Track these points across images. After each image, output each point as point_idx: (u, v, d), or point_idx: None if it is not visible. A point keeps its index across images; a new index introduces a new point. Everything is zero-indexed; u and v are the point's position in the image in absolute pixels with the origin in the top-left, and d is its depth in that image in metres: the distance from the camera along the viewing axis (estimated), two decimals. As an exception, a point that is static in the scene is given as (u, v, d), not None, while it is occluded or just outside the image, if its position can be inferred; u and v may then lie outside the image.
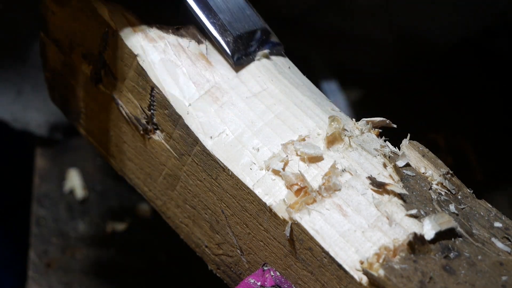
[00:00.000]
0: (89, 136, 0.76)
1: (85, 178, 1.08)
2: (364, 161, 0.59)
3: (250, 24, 0.66)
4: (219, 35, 0.64)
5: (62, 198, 1.06)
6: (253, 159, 0.60)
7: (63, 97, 0.76)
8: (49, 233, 1.01)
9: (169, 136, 0.65)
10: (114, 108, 0.69)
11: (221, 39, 0.64)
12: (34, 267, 0.97)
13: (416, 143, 0.62)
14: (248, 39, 0.65)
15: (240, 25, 0.65)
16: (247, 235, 0.61)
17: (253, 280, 0.60)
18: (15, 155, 1.18)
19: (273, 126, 0.61)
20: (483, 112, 1.15)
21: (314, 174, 0.58)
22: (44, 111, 1.10)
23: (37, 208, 1.04)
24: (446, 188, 0.59)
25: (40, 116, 1.10)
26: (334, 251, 0.55)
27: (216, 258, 0.66)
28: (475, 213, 0.58)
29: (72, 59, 0.72)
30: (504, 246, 0.55)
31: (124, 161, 0.72)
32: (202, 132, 0.62)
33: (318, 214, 0.56)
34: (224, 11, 0.65)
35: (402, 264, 0.53)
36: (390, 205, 0.56)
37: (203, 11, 0.65)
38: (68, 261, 0.98)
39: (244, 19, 0.66)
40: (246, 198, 0.59)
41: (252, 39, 0.65)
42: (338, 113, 0.64)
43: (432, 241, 0.54)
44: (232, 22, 0.65)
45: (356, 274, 0.54)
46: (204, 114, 0.62)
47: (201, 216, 0.65)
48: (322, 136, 0.60)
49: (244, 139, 0.61)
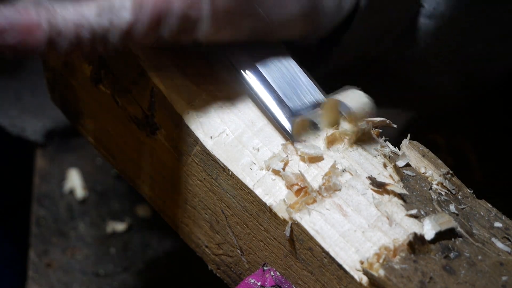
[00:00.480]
0: (89, 136, 0.76)
1: (85, 178, 1.08)
2: (364, 161, 0.59)
3: (310, 97, 0.61)
4: (277, 112, 0.60)
5: (62, 198, 1.06)
6: (253, 159, 0.60)
7: (63, 97, 0.76)
8: (49, 233, 1.01)
9: (169, 136, 0.65)
10: (114, 108, 0.69)
11: (280, 116, 0.60)
12: (34, 267, 0.97)
13: (416, 143, 0.62)
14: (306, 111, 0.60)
15: (298, 99, 0.60)
16: (247, 235, 0.61)
17: (253, 280, 0.60)
18: (15, 155, 1.18)
19: (273, 126, 0.61)
20: (483, 112, 1.15)
21: (314, 174, 0.58)
22: (41, 117, 1.10)
23: (37, 208, 1.04)
24: (446, 188, 0.59)
25: (36, 121, 1.10)
26: (334, 251, 0.55)
27: (216, 258, 0.66)
28: (475, 213, 0.58)
29: (72, 59, 0.72)
30: (504, 246, 0.56)
31: (124, 161, 0.72)
32: (202, 132, 0.62)
33: (318, 214, 0.56)
34: (278, 83, 0.61)
35: (402, 264, 0.53)
36: (390, 205, 0.56)
37: (260, 85, 0.61)
38: (68, 261, 0.98)
39: (302, 91, 0.61)
40: (246, 198, 0.59)
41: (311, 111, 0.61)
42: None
43: (432, 241, 0.54)
44: (288, 93, 0.60)
45: (356, 274, 0.54)
46: (204, 114, 0.62)
47: (201, 216, 0.65)
48: (322, 136, 0.60)
49: (244, 139, 0.61)
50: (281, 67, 0.62)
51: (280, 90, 0.60)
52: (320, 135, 0.60)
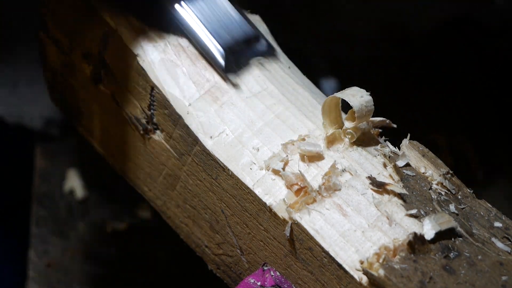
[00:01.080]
0: (89, 136, 0.76)
1: (85, 178, 1.08)
2: (364, 161, 0.59)
3: (240, 32, 0.64)
4: (209, 49, 0.63)
5: (62, 198, 1.06)
6: (253, 159, 0.60)
7: (63, 97, 0.76)
8: (49, 233, 1.01)
9: (169, 136, 0.65)
10: (114, 108, 0.69)
11: (212, 53, 0.63)
12: (34, 267, 0.97)
13: (416, 143, 0.62)
14: (239, 48, 0.64)
15: (230, 35, 0.64)
16: (247, 235, 0.61)
17: (253, 280, 0.60)
18: (15, 155, 1.18)
19: (273, 126, 0.61)
20: (483, 112, 1.15)
21: (314, 174, 0.58)
22: (38, 105, 1.10)
23: (37, 208, 1.04)
24: (446, 188, 0.59)
25: (34, 109, 1.10)
26: (334, 251, 0.55)
27: (216, 258, 0.66)
28: (475, 213, 0.58)
29: (72, 59, 0.72)
30: (504, 246, 0.55)
31: (124, 161, 0.72)
32: (202, 132, 0.62)
33: (318, 214, 0.56)
34: (212, 22, 0.64)
35: (402, 264, 0.53)
36: (390, 205, 0.56)
37: (191, 24, 0.64)
38: (68, 261, 0.98)
39: (233, 27, 0.64)
40: (246, 198, 0.59)
41: (243, 47, 0.64)
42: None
43: (432, 241, 0.54)
44: (221, 34, 0.63)
45: (356, 274, 0.54)
46: (204, 114, 0.62)
47: (201, 216, 0.65)
48: (322, 136, 0.60)
49: (244, 139, 0.61)
50: (211, 4, 0.65)
51: (210, 26, 0.64)
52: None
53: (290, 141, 0.60)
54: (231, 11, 0.65)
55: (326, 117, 0.60)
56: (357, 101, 0.58)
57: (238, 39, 0.64)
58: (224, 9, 0.65)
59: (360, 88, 0.59)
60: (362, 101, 0.58)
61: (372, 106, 0.58)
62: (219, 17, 0.64)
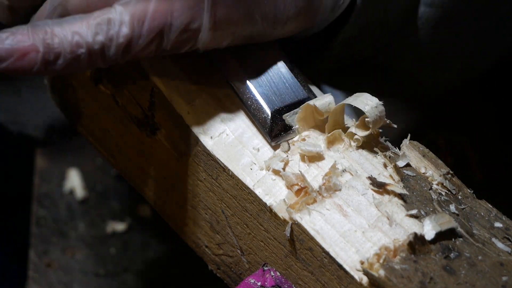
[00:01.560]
0: (89, 136, 0.76)
1: (85, 178, 1.08)
2: (364, 161, 0.59)
3: (292, 96, 0.61)
4: (255, 111, 0.61)
5: (62, 198, 1.06)
6: (254, 159, 0.60)
7: (64, 97, 0.76)
8: (49, 233, 1.01)
9: (169, 136, 0.65)
10: (114, 108, 0.69)
11: (257, 115, 0.61)
12: (34, 267, 0.97)
13: (416, 143, 0.62)
14: (287, 110, 0.61)
15: (280, 98, 0.61)
16: (247, 235, 0.61)
17: (253, 280, 0.60)
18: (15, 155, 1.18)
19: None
20: (483, 111, 1.15)
21: (315, 174, 0.58)
22: (41, 112, 1.10)
23: (37, 208, 1.04)
24: (446, 188, 0.59)
25: (37, 117, 1.10)
26: (334, 251, 0.55)
27: (216, 258, 0.66)
28: (475, 213, 0.58)
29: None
30: (504, 247, 0.55)
31: (124, 161, 0.72)
32: (202, 132, 0.62)
33: (318, 214, 0.56)
34: (262, 85, 0.61)
35: (403, 265, 0.53)
36: (391, 205, 0.56)
37: (240, 85, 0.61)
38: (68, 261, 0.98)
39: (285, 90, 0.61)
40: (247, 198, 0.59)
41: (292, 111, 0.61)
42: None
43: (432, 241, 0.54)
44: (270, 96, 0.61)
45: (356, 274, 0.54)
46: (204, 114, 0.62)
47: (201, 216, 0.65)
48: (322, 136, 0.60)
49: (245, 139, 0.61)
50: (268, 70, 0.62)
51: (259, 89, 0.61)
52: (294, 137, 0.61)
53: (291, 141, 0.60)
54: (286, 74, 0.62)
55: (331, 121, 0.60)
56: (373, 112, 0.57)
57: (288, 102, 0.61)
58: (279, 73, 0.62)
59: (371, 95, 0.59)
60: (376, 111, 0.58)
61: (384, 115, 0.58)
62: (271, 78, 0.62)
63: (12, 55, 0.53)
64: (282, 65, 0.63)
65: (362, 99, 0.58)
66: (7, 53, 0.53)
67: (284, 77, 0.62)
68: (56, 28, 0.54)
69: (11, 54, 0.53)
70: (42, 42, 0.54)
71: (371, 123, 0.58)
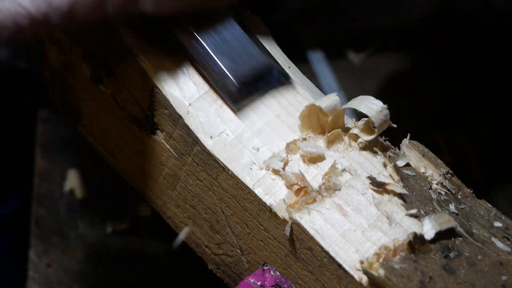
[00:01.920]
0: (89, 136, 0.76)
1: (85, 178, 1.08)
2: (364, 161, 0.59)
3: (254, 63, 0.61)
4: (219, 83, 0.61)
5: (62, 198, 1.06)
6: (253, 159, 0.60)
7: (63, 97, 0.76)
8: (49, 233, 1.01)
9: (169, 136, 0.65)
10: (114, 108, 0.69)
11: (222, 87, 0.61)
12: (34, 267, 0.97)
13: (416, 143, 0.62)
14: (252, 80, 0.61)
15: (243, 67, 0.61)
16: (247, 235, 0.61)
17: (253, 279, 0.60)
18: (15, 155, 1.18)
19: (273, 126, 0.61)
20: (483, 111, 1.15)
21: (314, 174, 0.58)
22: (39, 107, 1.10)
23: (37, 208, 1.03)
24: (446, 188, 0.59)
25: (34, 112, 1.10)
26: (334, 251, 0.55)
27: (216, 257, 0.66)
28: (475, 213, 0.58)
29: (72, 59, 0.72)
30: (504, 246, 0.56)
31: (124, 161, 0.72)
32: (202, 132, 0.62)
33: (318, 214, 0.56)
34: (224, 54, 0.61)
35: (402, 264, 0.53)
36: (390, 204, 0.56)
37: (202, 56, 0.62)
38: (68, 261, 0.98)
39: (247, 58, 0.62)
40: (246, 198, 0.59)
41: (257, 79, 0.62)
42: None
43: (432, 241, 0.54)
44: (232, 66, 0.61)
45: (356, 273, 0.54)
46: (204, 114, 0.62)
47: (201, 216, 0.65)
48: (322, 136, 0.60)
49: (244, 139, 0.61)
50: (225, 35, 0.62)
51: (221, 58, 0.61)
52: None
53: (293, 140, 0.60)
54: (246, 42, 0.63)
55: (332, 122, 0.60)
56: (378, 116, 0.58)
57: (251, 71, 0.61)
58: (239, 40, 0.63)
59: (374, 98, 0.59)
60: (381, 115, 0.58)
61: (388, 118, 0.58)
62: (233, 49, 0.62)
63: None
64: (239, 30, 0.63)
65: (367, 103, 0.58)
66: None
67: (238, 38, 0.62)
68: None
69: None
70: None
71: (377, 127, 0.58)
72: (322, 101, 0.59)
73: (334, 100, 0.59)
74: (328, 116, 0.59)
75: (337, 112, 0.59)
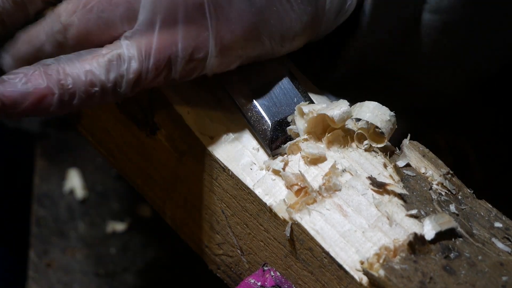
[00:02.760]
0: (89, 136, 0.76)
1: (85, 178, 1.08)
2: (364, 161, 0.59)
3: (293, 107, 0.61)
4: (254, 124, 0.61)
5: (62, 198, 1.06)
6: (253, 159, 0.60)
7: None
8: (49, 233, 1.01)
9: (169, 136, 0.65)
10: (114, 108, 0.69)
11: (257, 129, 0.60)
12: (34, 267, 0.97)
13: (416, 143, 0.62)
14: (288, 123, 0.61)
15: (280, 110, 0.60)
16: (247, 235, 0.61)
17: (253, 280, 0.60)
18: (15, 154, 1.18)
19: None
20: (483, 112, 1.15)
21: (314, 174, 0.58)
22: None
23: (37, 208, 1.04)
24: (446, 188, 0.59)
25: None
26: (334, 251, 0.55)
27: (216, 258, 0.66)
28: (475, 213, 0.58)
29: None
30: (504, 246, 0.55)
31: (124, 161, 0.72)
32: (202, 132, 0.62)
33: (318, 214, 0.56)
34: (263, 97, 0.61)
35: (403, 264, 0.53)
36: (391, 205, 0.56)
37: (242, 99, 0.61)
38: (68, 261, 0.98)
39: (286, 102, 0.61)
40: (247, 198, 0.59)
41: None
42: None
43: (432, 241, 0.54)
44: (270, 107, 0.60)
45: (356, 274, 0.54)
46: (204, 114, 0.62)
47: (201, 216, 0.65)
48: (322, 136, 0.60)
49: (244, 139, 0.61)
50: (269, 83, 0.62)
51: (260, 101, 0.61)
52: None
53: (295, 141, 0.60)
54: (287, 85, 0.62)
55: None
56: (387, 126, 0.58)
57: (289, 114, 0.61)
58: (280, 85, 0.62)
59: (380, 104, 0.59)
60: (390, 124, 0.58)
61: (395, 124, 0.59)
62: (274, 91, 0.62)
63: (28, 98, 0.53)
64: (284, 78, 0.62)
65: (374, 111, 0.58)
66: (23, 96, 0.53)
67: (285, 89, 0.62)
68: (68, 67, 0.54)
69: (26, 98, 0.53)
70: (57, 84, 0.53)
71: (386, 136, 0.58)
72: (334, 111, 0.58)
73: (345, 112, 0.58)
74: (338, 125, 0.59)
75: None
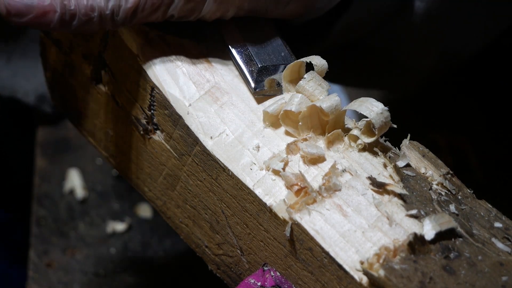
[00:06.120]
0: (89, 136, 0.76)
1: (85, 178, 1.08)
2: (364, 161, 0.59)
3: (280, 60, 0.65)
4: (243, 64, 0.64)
5: (62, 198, 1.06)
6: (253, 159, 0.60)
7: (64, 97, 0.77)
8: (49, 233, 1.01)
9: (169, 136, 0.65)
10: (114, 108, 0.69)
11: (245, 68, 0.64)
12: (34, 267, 0.97)
13: (416, 143, 0.62)
14: (274, 71, 0.64)
15: (268, 58, 0.65)
16: (247, 235, 0.61)
17: (253, 280, 0.60)
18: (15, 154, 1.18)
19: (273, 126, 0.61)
20: (483, 111, 1.16)
21: (314, 174, 0.58)
22: (32, 80, 1.10)
23: (37, 208, 1.04)
24: (446, 188, 0.59)
25: (27, 84, 1.10)
26: (334, 252, 0.55)
27: (216, 258, 0.66)
28: (475, 213, 0.58)
29: (72, 59, 0.72)
30: (504, 247, 0.56)
31: (124, 161, 0.72)
32: (202, 132, 0.62)
33: (318, 214, 0.56)
34: (255, 44, 0.65)
35: (402, 265, 0.53)
36: (390, 205, 0.56)
37: (233, 41, 0.65)
38: (68, 261, 0.98)
39: (274, 54, 0.65)
40: (246, 198, 0.59)
41: (278, 72, 0.64)
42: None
43: (432, 242, 0.54)
44: (260, 54, 0.65)
45: (356, 274, 0.54)
46: (204, 114, 0.62)
47: (201, 216, 0.65)
48: (322, 136, 0.60)
49: (244, 139, 0.61)
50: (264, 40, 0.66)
51: (251, 47, 0.65)
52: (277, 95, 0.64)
53: (294, 141, 0.60)
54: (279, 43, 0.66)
55: (332, 122, 0.60)
56: (378, 118, 0.58)
57: (275, 63, 0.65)
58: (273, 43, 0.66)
59: (376, 100, 0.59)
60: (382, 117, 0.58)
61: (389, 120, 0.58)
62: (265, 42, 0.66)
63: (32, 12, 0.57)
64: (277, 39, 0.66)
65: (367, 105, 0.58)
66: (27, 9, 0.57)
67: (276, 45, 0.66)
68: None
69: (30, 11, 0.57)
70: (60, 3, 0.57)
71: (377, 129, 0.58)
72: (323, 102, 0.59)
73: (335, 100, 0.59)
74: (328, 116, 0.59)
75: (338, 113, 0.59)
